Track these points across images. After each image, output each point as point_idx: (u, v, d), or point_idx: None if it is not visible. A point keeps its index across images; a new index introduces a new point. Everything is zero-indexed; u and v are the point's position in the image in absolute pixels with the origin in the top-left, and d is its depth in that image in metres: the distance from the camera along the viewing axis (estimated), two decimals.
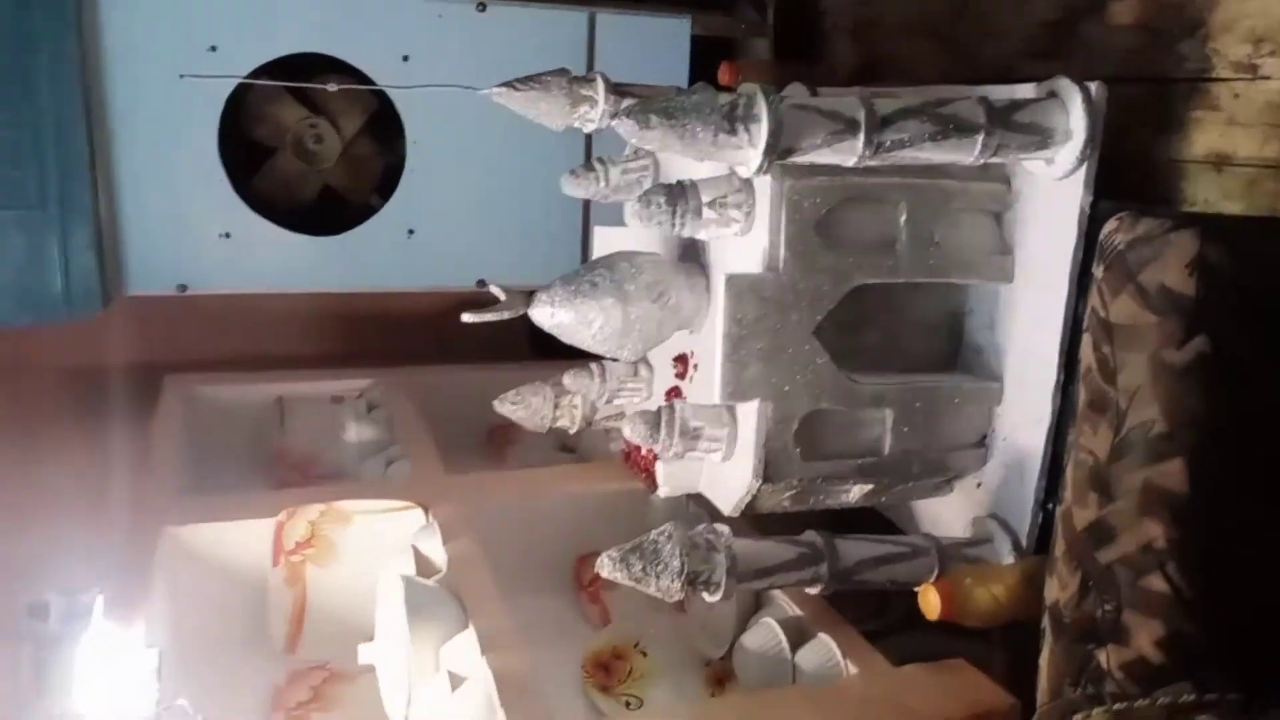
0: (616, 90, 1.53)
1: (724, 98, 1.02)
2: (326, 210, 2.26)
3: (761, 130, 1.01)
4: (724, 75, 1.81)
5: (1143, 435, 0.92)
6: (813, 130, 1.04)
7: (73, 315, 1.98)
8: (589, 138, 2.11)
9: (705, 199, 1.18)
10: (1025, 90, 1.17)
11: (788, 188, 1.14)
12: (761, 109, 1.01)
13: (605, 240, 1.60)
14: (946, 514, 1.39)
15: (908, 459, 1.27)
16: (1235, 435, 0.90)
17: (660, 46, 2.26)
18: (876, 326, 1.30)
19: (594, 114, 1.53)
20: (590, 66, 2.17)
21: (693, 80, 2.24)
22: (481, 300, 1.39)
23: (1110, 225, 0.95)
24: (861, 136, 1.05)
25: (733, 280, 1.14)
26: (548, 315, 1.31)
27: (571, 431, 1.67)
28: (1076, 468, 1.01)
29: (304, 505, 1.44)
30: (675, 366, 1.46)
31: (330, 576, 1.44)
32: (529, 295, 1.36)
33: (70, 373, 2.23)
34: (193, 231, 2.06)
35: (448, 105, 2.15)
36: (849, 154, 1.07)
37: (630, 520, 1.70)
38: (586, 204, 2.30)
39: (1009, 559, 1.25)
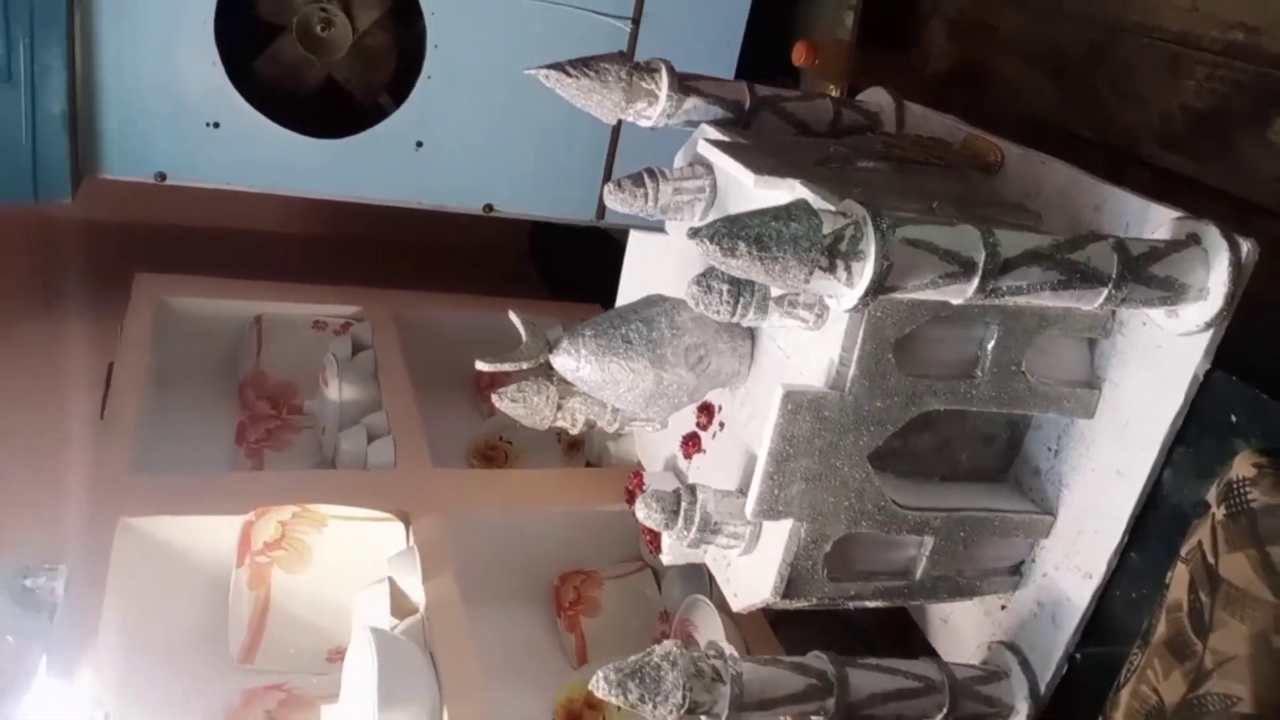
0: (681, 86, 1.33)
1: (827, 225, 0.84)
2: (328, 109, 2.04)
3: (866, 270, 0.85)
4: (799, 55, 1.59)
5: (1223, 707, 0.82)
6: (922, 271, 0.87)
7: (40, 198, 1.79)
8: None
9: (774, 293, 1.02)
10: (1162, 228, 1.00)
11: (871, 305, 0.98)
12: (870, 246, 0.84)
13: (639, 249, 1.43)
14: (959, 619, 1.31)
15: (937, 584, 1.17)
16: None
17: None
18: (932, 431, 1.17)
19: (652, 111, 1.32)
20: (639, 10, 1.92)
21: (749, 35, 1.99)
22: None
23: (1248, 468, 0.81)
24: (975, 281, 0.89)
25: (791, 396, 1.00)
26: (571, 367, 1.17)
27: (573, 433, 1.55)
28: (1135, 697, 0.92)
29: (277, 506, 1.32)
30: (698, 415, 1.33)
31: (297, 584, 1.33)
32: (549, 340, 1.22)
33: (33, 254, 2.04)
34: (178, 117, 1.84)
35: (479, 9, 1.91)
36: (956, 296, 0.91)
37: (622, 544, 1.60)
38: (613, 143, 2.10)
39: (1023, 704, 1.17)
